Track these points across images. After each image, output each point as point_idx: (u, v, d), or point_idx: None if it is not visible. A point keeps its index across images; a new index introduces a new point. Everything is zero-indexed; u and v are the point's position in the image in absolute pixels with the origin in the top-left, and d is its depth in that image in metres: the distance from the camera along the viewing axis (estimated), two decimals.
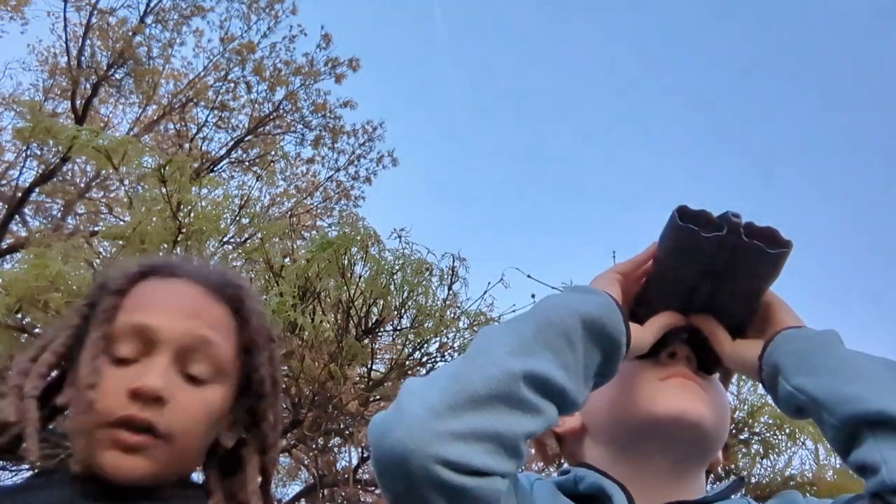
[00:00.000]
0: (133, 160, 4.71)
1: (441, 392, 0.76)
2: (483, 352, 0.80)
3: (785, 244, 0.89)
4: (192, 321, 0.91)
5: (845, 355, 0.85)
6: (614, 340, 0.85)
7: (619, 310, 0.86)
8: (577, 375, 0.82)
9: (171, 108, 10.90)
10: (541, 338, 0.81)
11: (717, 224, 0.88)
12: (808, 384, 0.84)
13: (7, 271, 5.95)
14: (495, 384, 0.76)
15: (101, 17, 10.34)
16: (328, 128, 10.99)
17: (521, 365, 0.78)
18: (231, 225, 5.25)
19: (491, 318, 5.23)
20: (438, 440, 0.73)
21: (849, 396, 0.81)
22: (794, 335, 0.89)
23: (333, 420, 5.10)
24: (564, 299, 0.86)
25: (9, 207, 9.91)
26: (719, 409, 0.97)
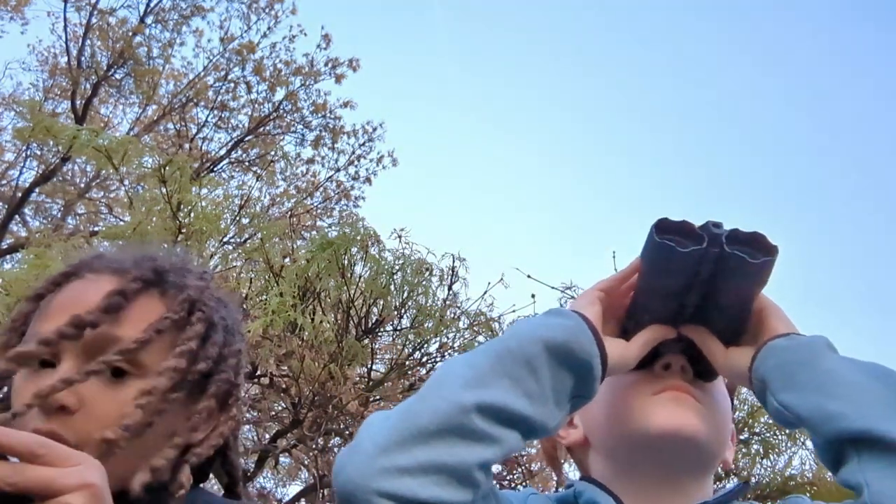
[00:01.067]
0: (133, 160, 4.71)
1: (391, 428, 0.80)
2: (436, 386, 0.83)
3: (769, 251, 0.88)
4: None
5: (831, 366, 0.84)
6: (584, 362, 0.85)
7: (591, 330, 0.86)
8: (543, 400, 0.83)
9: (171, 108, 10.90)
10: (498, 367, 0.82)
11: (699, 235, 0.88)
12: (793, 401, 0.83)
13: (7, 271, 5.95)
14: (443, 418, 0.79)
15: (101, 17, 10.35)
16: (328, 128, 10.99)
17: (473, 397, 0.79)
18: (231, 225, 5.25)
19: (491, 318, 5.23)
20: (383, 475, 0.77)
21: (832, 415, 0.80)
22: (779, 347, 0.87)
23: (333, 420, 5.10)
24: (528, 325, 0.88)
25: (9, 207, 9.91)
26: (717, 418, 0.96)
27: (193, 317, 0.91)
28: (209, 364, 0.91)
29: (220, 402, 0.92)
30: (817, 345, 0.87)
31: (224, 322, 0.96)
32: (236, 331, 0.98)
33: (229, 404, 0.94)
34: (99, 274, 0.93)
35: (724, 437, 0.98)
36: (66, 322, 0.84)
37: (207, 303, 0.94)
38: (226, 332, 0.95)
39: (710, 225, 0.88)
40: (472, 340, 5.17)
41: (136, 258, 0.94)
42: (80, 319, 0.85)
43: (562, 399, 0.85)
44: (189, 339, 0.90)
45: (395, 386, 5.39)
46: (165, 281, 0.92)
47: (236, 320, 0.99)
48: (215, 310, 0.95)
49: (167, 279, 0.93)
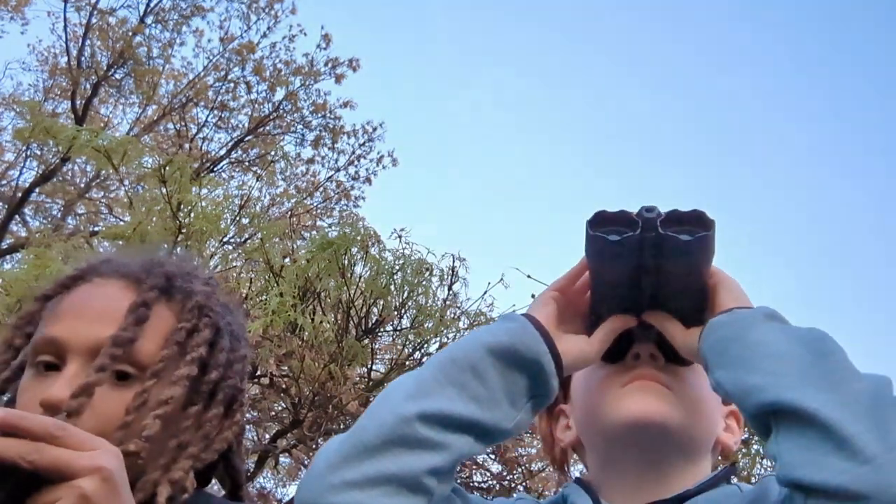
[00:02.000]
0: (133, 160, 4.71)
1: (339, 445, 0.83)
2: (381, 402, 0.86)
3: (706, 226, 0.88)
4: (98, 325, 0.87)
5: (759, 338, 0.83)
6: (532, 362, 0.86)
7: (537, 330, 0.87)
8: (493, 404, 0.85)
9: (171, 108, 10.90)
10: (442, 377, 0.84)
11: (635, 222, 0.88)
12: (722, 378, 0.84)
13: (7, 271, 5.96)
14: (387, 430, 0.81)
15: (101, 17, 10.35)
16: (328, 128, 10.99)
17: (416, 407, 0.82)
18: (231, 225, 5.25)
19: (491, 318, 5.23)
20: (332, 491, 0.80)
21: (751, 388, 0.80)
22: (718, 323, 0.87)
23: (333, 420, 5.10)
24: (473, 334, 0.90)
25: (9, 207, 9.91)
26: (691, 402, 0.96)
27: (201, 322, 0.93)
28: (220, 371, 0.93)
29: (226, 408, 0.94)
30: (752, 317, 0.86)
31: (230, 327, 0.97)
32: (242, 336, 0.99)
33: (234, 409, 0.95)
34: (107, 278, 0.94)
35: (704, 421, 0.97)
36: (109, 344, 0.85)
37: (214, 308, 0.95)
38: (232, 338, 0.96)
39: (642, 210, 0.88)
40: None
41: (145, 264, 0.95)
42: (121, 338, 0.86)
43: (518, 400, 0.86)
44: (198, 345, 0.91)
45: None
46: (174, 287, 0.94)
47: (241, 326, 1.01)
48: (221, 315, 0.96)
49: (175, 285, 0.94)
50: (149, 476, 0.84)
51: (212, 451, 0.91)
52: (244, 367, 0.98)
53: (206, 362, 0.91)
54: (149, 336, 0.88)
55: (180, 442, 0.88)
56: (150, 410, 0.85)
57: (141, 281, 0.92)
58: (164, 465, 0.86)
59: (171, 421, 0.87)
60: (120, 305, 0.89)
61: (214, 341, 0.93)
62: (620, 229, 0.89)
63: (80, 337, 0.87)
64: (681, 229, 0.88)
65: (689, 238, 0.87)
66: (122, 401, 0.85)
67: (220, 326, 0.94)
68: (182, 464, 0.87)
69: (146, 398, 0.85)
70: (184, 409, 0.89)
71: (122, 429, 0.83)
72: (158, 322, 0.90)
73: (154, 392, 0.86)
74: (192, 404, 0.90)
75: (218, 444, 0.92)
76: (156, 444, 0.85)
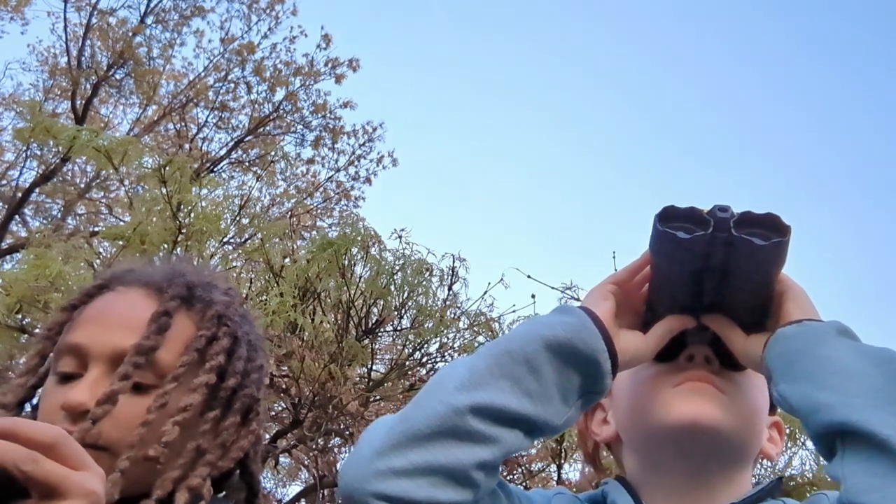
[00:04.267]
0: (133, 160, 4.71)
1: (388, 432, 0.81)
2: (433, 389, 0.84)
3: (782, 231, 0.85)
4: (120, 333, 0.89)
5: (830, 354, 0.80)
6: (590, 359, 0.83)
7: (596, 326, 0.84)
8: (546, 399, 0.82)
9: (171, 108, 10.90)
10: (496, 369, 0.82)
11: (706, 220, 0.85)
12: (788, 391, 0.82)
13: (7, 271, 5.95)
14: (438, 420, 0.79)
15: (101, 17, 10.34)
16: (328, 128, 10.99)
17: (469, 399, 0.80)
18: (231, 225, 5.25)
19: (491, 319, 5.23)
20: (378, 478, 0.79)
21: (820, 405, 0.78)
22: (786, 335, 0.84)
23: (333, 420, 5.10)
24: (529, 325, 0.87)
25: (9, 208, 9.91)
26: (745, 409, 0.93)
27: (220, 331, 0.94)
28: (237, 379, 0.94)
29: (242, 417, 0.95)
30: (823, 331, 0.83)
31: (248, 337, 0.98)
32: (259, 346, 1.01)
33: (250, 419, 0.96)
34: (129, 287, 0.96)
35: (755, 429, 0.95)
36: (132, 353, 0.86)
37: (233, 318, 0.97)
38: (249, 348, 0.98)
39: (716, 209, 0.85)
40: (473, 340, 5.17)
41: (166, 273, 0.97)
42: (143, 347, 0.87)
43: (569, 396, 0.84)
44: (216, 353, 0.92)
45: (395, 386, 5.39)
46: (194, 296, 0.95)
47: (259, 336, 1.02)
48: (240, 325, 0.97)
49: (196, 294, 0.96)
50: (166, 478, 0.85)
51: (228, 458, 0.92)
52: (261, 376, 0.99)
53: (223, 370, 0.93)
54: (169, 345, 0.90)
55: (198, 449, 0.89)
56: (168, 417, 0.86)
57: (162, 290, 0.94)
58: (181, 472, 0.87)
59: (190, 428, 0.88)
60: (142, 314, 0.91)
61: (232, 350, 0.95)
62: (690, 227, 0.86)
63: (102, 344, 0.88)
64: (753, 231, 0.85)
65: (764, 243, 0.84)
66: (140, 409, 0.86)
67: (238, 336, 0.96)
68: (200, 471, 0.88)
69: (166, 401, 0.86)
70: (202, 415, 0.90)
71: (144, 426, 0.84)
72: (179, 331, 0.92)
73: (174, 397, 0.87)
74: (210, 411, 0.91)
75: (234, 452, 0.93)
76: (174, 450, 0.86)
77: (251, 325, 1.01)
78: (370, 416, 5.30)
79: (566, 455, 4.83)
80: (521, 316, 5.03)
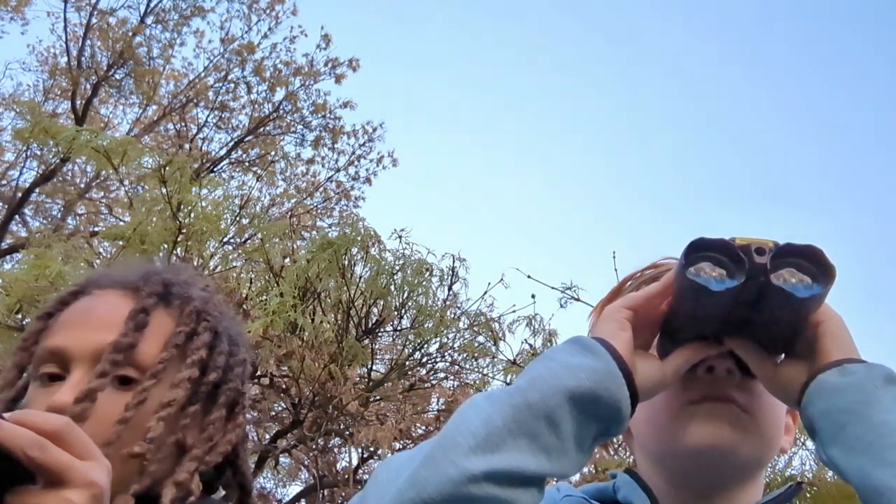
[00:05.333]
0: (133, 160, 4.71)
1: (397, 494, 0.75)
2: (445, 447, 0.76)
3: (826, 272, 0.77)
4: (101, 332, 0.88)
5: (886, 418, 0.74)
6: (612, 408, 0.78)
7: (620, 369, 0.79)
8: (562, 452, 0.78)
9: (171, 108, 10.90)
10: (514, 425, 0.76)
11: (739, 259, 0.78)
12: (841, 460, 0.76)
13: (7, 272, 5.96)
14: (451, 487, 0.73)
15: (101, 17, 10.35)
16: (328, 128, 11.00)
17: (484, 464, 0.74)
18: (231, 225, 5.25)
19: (491, 319, 5.23)
20: None
21: (880, 487, 0.71)
22: (829, 387, 0.78)
23: (333, 420, 5.10)
24: (552, 372, 0.79)
25: (9, 208, 9.91)
26: (764, 423, 0.90)
27: (200, 326, 0.94)
28: (220, 374, 0.94)
29: (228, 411, 0.95)
30: (872, 384, 0.76)
31: (228, 331, 0.98)
32: (240, 341, 1.01)
33: (236, 412, 0.96)
34: (106, 289, 0.95)
35: (775, 441, 0.92)
36: (110, 350, 0.86)
37: (212, 313, 0.97)
38: (230, 342, 0.98)
39: (752, 251, 0.77)
40: (472, 341, 5.17)
41: (142, 273, 0.97)
42: (121, 343, 0.87)
43: (585, 443, 0.80)
44: (198, 348, 0.92)
45: (395, 386, 5.39)
46: (171, 293, 0.95)
47: (239, 331, 1.02)
48: (219, 320, 0.98)
49: (173, 291, 0.96)
50: (147, 473, 0.85)
51: (216, 453, 0.91)
52: (244, 370, 0.99)
53: (205, 365, 0.93)
54: (149, 341, 0.90)
55: (184, 444, 0.89)
56: (152, 412, 0.86)
57: (139, 289, 0.94)
58: (168, 467, 0.87)
59: (174, 423, 0.88)
60: (120, 313, 0.91)
61: (213, 345, 0.95)
62: (719, 258, 0.79)
63: (83, 344, 0.88)
64: (791, 263, 0.78)
65: (805, 296, 0.77)
66: (124, 405, 0.86)
67: (218, 330, 0.96)
68: (187, 466, 0.88)
69: (145, 397, 0.86)
70: (184, 410, 0.90)
71: (121, 423, 0.83)
72: (158, 327, 0.92)
73: (154, 393, 0.87)
74: (193, 406, 0.91)
75: (222, 446, 0.92)
76: (159, 446, 0.86)
77: (231, 319, 1.01)
78: (370, 416, 5.30)
79: None
80: (520, 316, 5.04)
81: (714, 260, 0.79)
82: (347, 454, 6.60)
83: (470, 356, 5.26)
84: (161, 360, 0.89)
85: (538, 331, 5.02)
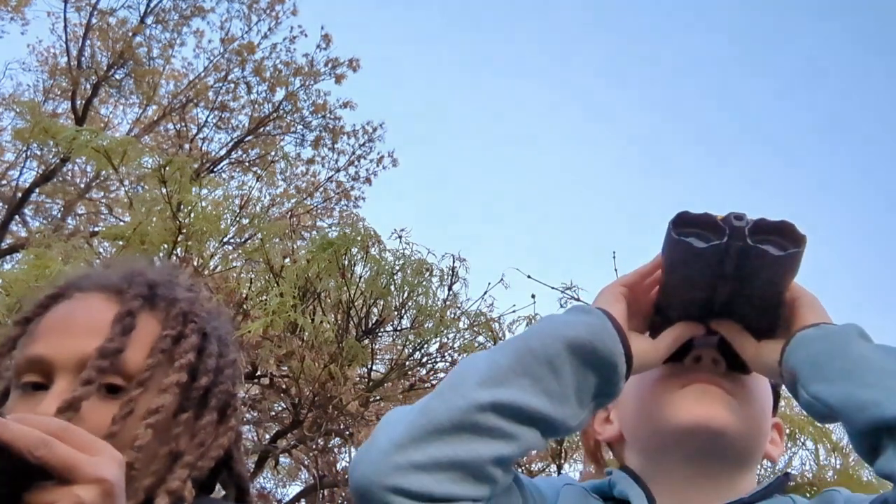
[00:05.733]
0: (133, 160, 4.71)
1: (408, 425, 0.80)
2: (454, 383, 0.83)
3: (797, 241, 0.85)
4: (84, 339, 0.85)
5: (863, 353, 0.81)
6: (608, 362, 0.83)
7: (615, 328, 0.84)
8: (564, 399, 0.82)
9: (171, 108, 10.90)
10: (518, 366, 0.81)
11: (720, 228, 0.85)
12: (824, 392, 0.81)
13: (7, 272, 5.96)
14: (459, 415, 0.79)
15: (101, 17, 10.35)
16: (328, 128, 10.99)
17: (490, 395, 0.79)
18: (231, 225, 5.25)
19: (491, 319, 5.23)
20: (397, 472, 0.77)
21: (865, 402, 0.77)
22: (809, 337, 0.85)
23: (334, 420, 5.10)
24: (551, 323, 0.86)
25: (9, 208, 9.91)
26: (751, 411, 0.94)
27: (187, 329, 0.91)
28: (211, 377, 0.91)
29: (219, 414, 0.92)
30: (848, 333, 0.84)
31: (217, 332, 0.96)
32: (229, 341, 0.98)
33: (228, 415, 0.94)
34: (87, 292, 0.92)
35: (761, 430, 0.96)
36: (95, 357, 0.83)
37: (199, 314, 0.94)
38: (220, 343, 0.95)
39: (731, 217, 0.84)
40: (472, 341, 5.17)
41: (125, 274, 0.94)
42: (107, 349, 0.84)
43: (584, 398, 0.84)
44: (185, 351, 0.90)
45: (395, 386, 5.39)
46: (157, 295, 0.92)
47: (229, 331, 0.99)
48: (207, 321, 0.95)
49: (158, 293, 0.93)
50: (141, 484, 0.82)
51: (208, 458, 0.89)
52: (235, 371, 0.96)
53: (195, 368, 0.90)
54: (136, 346, 0.86)
55: (175, 451, 0.87)
56: (140, 420, 0.83)
57: (123, 291, 0.91)
58: (159, 475, 0.84)
59: (164, 430, 0.86)
60: (104, 317, 0.87)
61: (202, 347, 0.92)
62: (704, 233, 0.86)
63: (66, 353, 0.85)
64: (767, 239, 0.85)
65: (781, 254, 0.84)
66: (111, 415, 0.83)
67: (206, 332, 0.93)
68: (179, 473, 0.85)
69: (132, 407, 0.84)
70: (175, 417, 0.87)
71: (108, 438, 0.79)
72: (144, 331, 0.88)
73: (142, 401, 0.84)
74: (184, 412, 0.88)
75: (214, 451, 0.90)
76: (149, 453, 0.83)
77: (220, 319, 0.98)
78: (370, 417, 5.30)
79: (566, 455, 4.84)
80: (520, 316, 5.04)
81: (698, 235, 0.86)
82: (347, 454, 6.61)
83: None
84: (148, 366, 0.86)
85: None
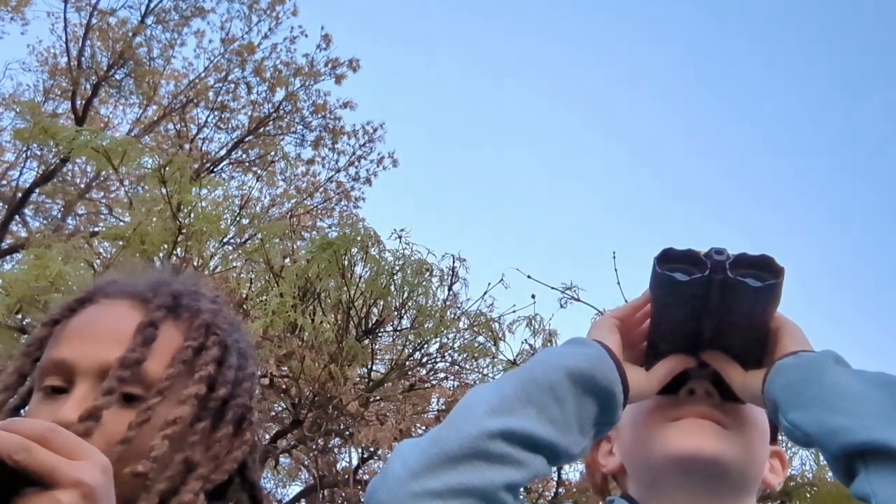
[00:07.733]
0: (133, 161, 4.71)
1: (421, 453, 0.83)
2: (463, 413, 0.86)
3: (776, 273, 0.88)
4: (107, 346, 0.86)
5: (837, 380, 0.84)
6: (607, 390, 0.87)
7: (612, 358, 0.89)
8: (567, 428, 0.86)
9: (171, 108, 10.90)
10: (523, 395, 0.85)
11: (703, 262, 0.89)
12: (800, 419, 0.84)
13: (7, 272, 5.96)
14: (470, 443, 0.82)
15: (102, 17, 10.35)
16: (328, 128, 10.99)
17: (499, 423, 0.83)
18: (231, 225, 5.25)
19: (491, 319, 5.23)
20: (415, 499, 0.80)
21: (837, 428, 0.81)
22: (786, 366, 0.88)
23: (334, 421, 5.10)
24: (552, 354, 0.91)
25: (9, 208, 9.91)
26: (746, 440, 0.96)
27: (209, 341, 0.92)
28: (228, 389, 0.92)
29: (235, 427, 0.93)
30: (822, 360, 0.87)
31: (238, 345, 0.96)
32: (249, 354, 0.99)
33: (243, 428, 0.94)
34: (113, 299, 0.93)
35: (755, 457, 0.98)
36: (117, 366, 0.84)
37: (221, 326, 0.95)
38: (239, 356, 0.96)
39: (712, 252, 0.89)
40: (472, 341, 5.17)
41: (151, 283, 0.95)
42: (129, 359, 0.85)
43: (585, 426, 0.87)
44: (206, 363, 0.90)
45: (395, 386, 5.39)
46: (181, 305, 0.93)
47: (249, 344, 1.00)
48: (229, 333, 0.95)
49: (182, 303, 0.94)
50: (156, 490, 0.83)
51: (222, 471, 0.90)
52: (253, 385, 0.97)
53: (214, 380, 0.91)
54: (157, 356, 0.87)
55: (189, 462, 0.87)
56: (157, 430, 0.84)
57: (148, 300, 0.92)
58: (173, 482, 0.85)
59: (180, 441, 0.86)
60: (127, 325, 0.88)
61: (222, 359, 0.93)
62: (688, 268, 0.90)
63: (89, 358, 0.86)
64: (748, 273, 0.88)
65: (759, 284, 0.88)
66: (129, 420, 0.83)
67: (227, 344, 0.94)
68: (192, 485, 0.86)
69: (149, 415, 0.84)
70: (192, 428, 0.88)
71: (123, 444, 0.81)
72: (166, 341, 0.89)
73: (160, 411, 0.85)
74: (200, 421, 0.89)
75: (228, 464, 0.91)
76: (164, 464, 0.84)
77: (241, 332, 0.99)
78: (370, 417, 5.30)
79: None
80: (520, 316, 5.04)
81: (683, 270, 0.90)
82: (347, 454, 6.61)
83: (470, 356, 5.27)
84: (168, 376, 0.87)
85: (538, 331, 5.03)
